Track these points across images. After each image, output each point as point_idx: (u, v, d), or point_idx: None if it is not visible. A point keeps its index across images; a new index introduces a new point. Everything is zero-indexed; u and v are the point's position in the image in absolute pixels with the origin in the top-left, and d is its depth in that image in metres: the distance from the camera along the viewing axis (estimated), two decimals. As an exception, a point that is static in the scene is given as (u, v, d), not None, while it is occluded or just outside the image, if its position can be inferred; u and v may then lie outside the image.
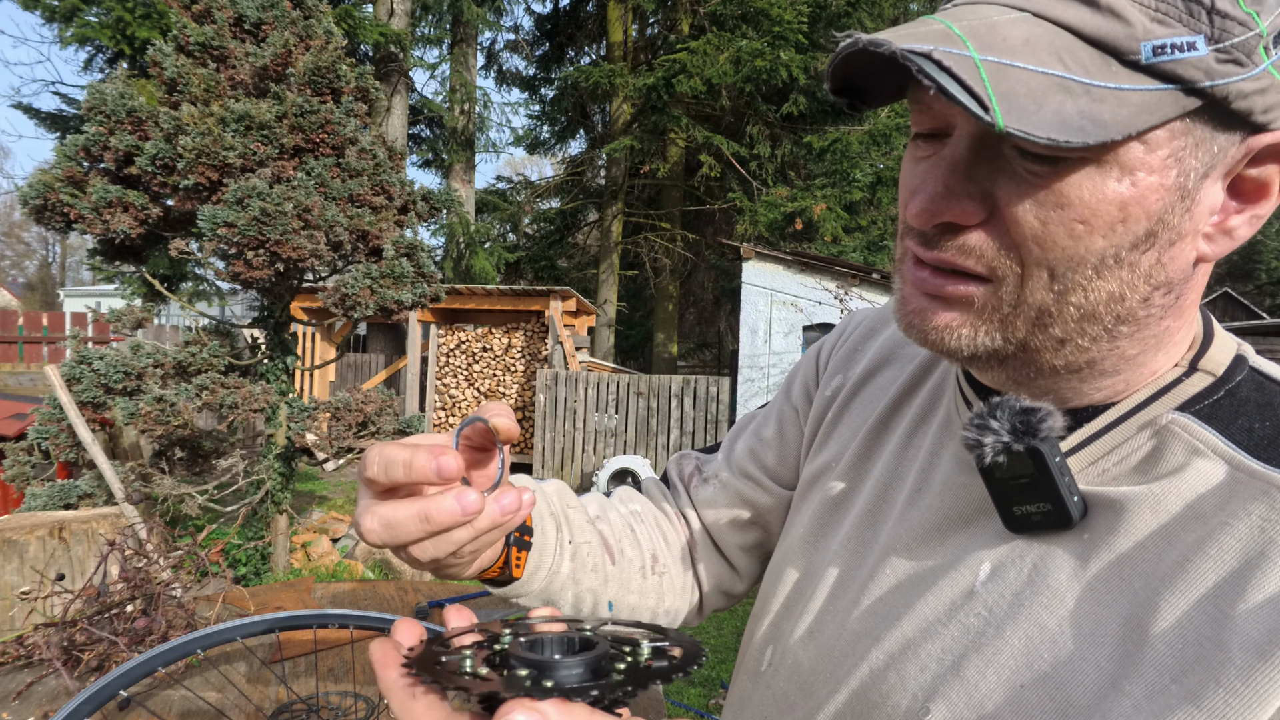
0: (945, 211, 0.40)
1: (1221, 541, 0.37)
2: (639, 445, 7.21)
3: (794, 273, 7.92)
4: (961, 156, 0.40)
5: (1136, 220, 0.38)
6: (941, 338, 0.43)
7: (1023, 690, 0.40)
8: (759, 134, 11.45)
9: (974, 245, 0.40)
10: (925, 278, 0.43)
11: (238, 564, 3.84)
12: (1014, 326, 0.41)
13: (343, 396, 4.04)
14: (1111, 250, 0.38)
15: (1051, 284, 0.39)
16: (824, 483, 0.61)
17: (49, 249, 41.90)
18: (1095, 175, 0.37)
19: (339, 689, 1.30)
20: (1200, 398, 0.43)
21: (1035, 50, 0.35)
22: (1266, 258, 17.90)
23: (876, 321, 0.68)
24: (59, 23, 8.41)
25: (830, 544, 0.56)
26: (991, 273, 0.40)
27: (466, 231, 11.77)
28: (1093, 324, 0.41)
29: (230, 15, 3.57)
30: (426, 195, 4.11)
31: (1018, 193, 0.38)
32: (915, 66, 0.33)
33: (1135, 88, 0.35)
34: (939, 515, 0.49)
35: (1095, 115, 0.34)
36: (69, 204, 3.39)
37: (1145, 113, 0.35)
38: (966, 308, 0.42)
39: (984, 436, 0.43)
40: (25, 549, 2.07)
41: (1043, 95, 0.34)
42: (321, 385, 9.02)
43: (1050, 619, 0.40)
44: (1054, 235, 0.38)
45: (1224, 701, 0.33)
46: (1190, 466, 0.40)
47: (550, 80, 14.88)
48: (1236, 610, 0.35)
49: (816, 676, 0.51)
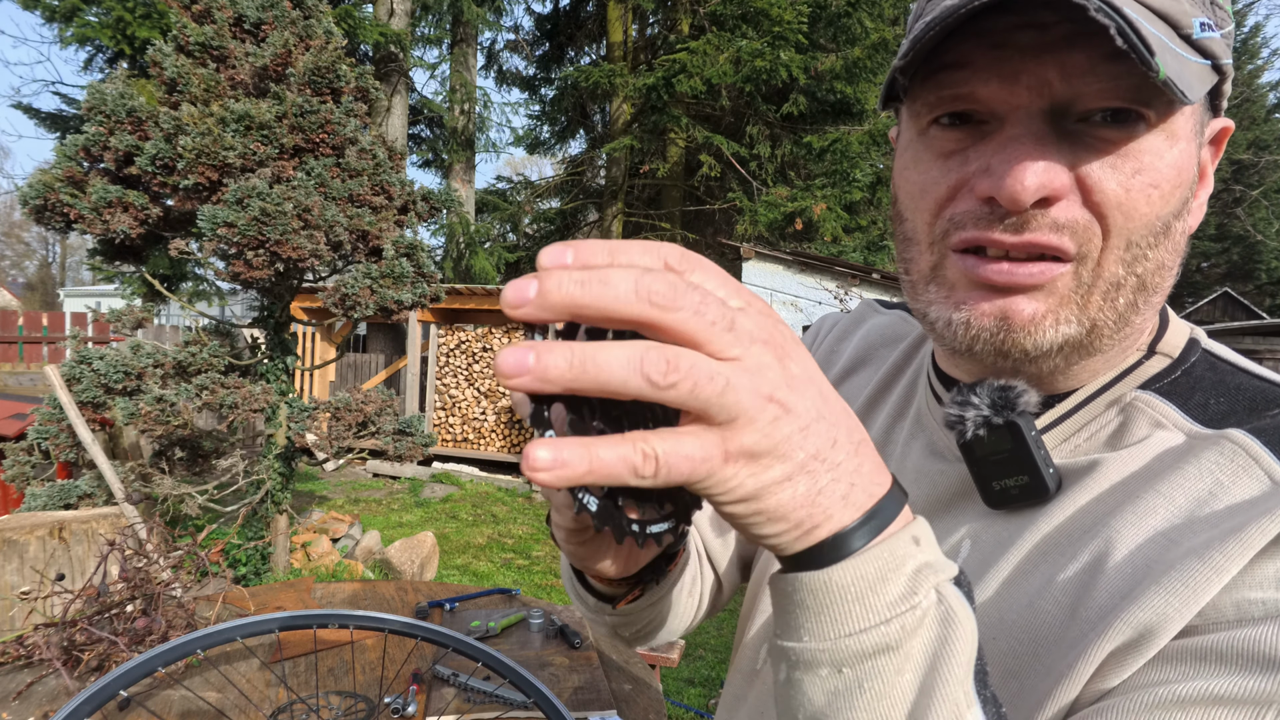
0: (1050, 180, 0.38)
1: (1173, 481, 0.39)
2: (639, 445, 7.21)
3: (794, 273, 7.92)
4: (1043, 130, 0.38)
5: (1183, 186, 0.39)
6: (1029, 333, 0.41)
7: (994, 641, 0.41)
8: (759, 134, 11.45)
9: (1065, 219, 0.39)
10: (1005, 268, 0.40)
11: (238, 564, 3.84)
12: (1089, 306, 0.41)
13: (343, 396, 4.04)
14: (1169, 216, 0.39)
15: (1125, 254, 0.39)
16: None
17: (49, 249, 41.91)
18: (1157, 142, 0.38)
19: (339, 689, 1.30)
20: (1160, 377, 0.45)
21: (1139, 12, 0.36)
22: (1266, 258, 17.88)
23: (850, 325, 0.69)
24: (59, 23, 8.40)
25: None
26: (1080, 248, 0.39)
27: (466, 231, 11.77)
28: (1143, 294, 0.41)
29: (230, 15, 3.56)
30: (426, 195, 4.11)
31: (1099, 162, 0.38)
32: (1095, 3, 0.33)
33: (1193, 58, 0.37)
34: (917, 502, 0.50)
35: (1184, 78, 0.35)
36: (69, 204, 3.39)
37: (1199, 83, 0.36)
38: (1048, 294, 0.40)
39: (965, 412, 0.45)
40: (25, 549, 2.07)
41: (1164, 51, 0.35)
42: (321, 385, 9.02)
43: (1016, 573, 0.42)
44: (1135, 201, 0.38)
45: (1164, 600, 0.35)
46: (1153, 436, 0.42)
47: (550, 80, 14.88)
48: (1182, 536, 0.37)
49: None
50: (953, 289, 0.43)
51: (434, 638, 1.30)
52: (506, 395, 8.35)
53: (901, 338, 0.64)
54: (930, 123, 0.42)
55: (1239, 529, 0.34)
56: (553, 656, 1.52)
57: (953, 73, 0.40)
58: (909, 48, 0.39)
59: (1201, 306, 15.26)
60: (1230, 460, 0.38)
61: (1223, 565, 0.34)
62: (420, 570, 4.63)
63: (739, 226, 11.14)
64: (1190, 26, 0.37)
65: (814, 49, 10.65)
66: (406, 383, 8.51)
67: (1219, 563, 0.34)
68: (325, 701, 1.25)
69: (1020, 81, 0.38)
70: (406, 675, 1.35)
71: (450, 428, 8.53)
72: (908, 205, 0.45)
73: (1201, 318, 14.85)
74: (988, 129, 0.40)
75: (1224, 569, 0.34)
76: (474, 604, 1.77)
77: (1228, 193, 18.10)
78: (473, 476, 7.88)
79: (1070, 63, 0.37)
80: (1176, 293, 6.73)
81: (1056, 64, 0.37)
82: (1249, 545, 0.34)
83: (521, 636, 1.61)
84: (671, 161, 12.52)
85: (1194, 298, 17.97)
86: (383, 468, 7.93)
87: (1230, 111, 17.83)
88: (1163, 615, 0.35)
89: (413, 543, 4.77)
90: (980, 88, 0.39)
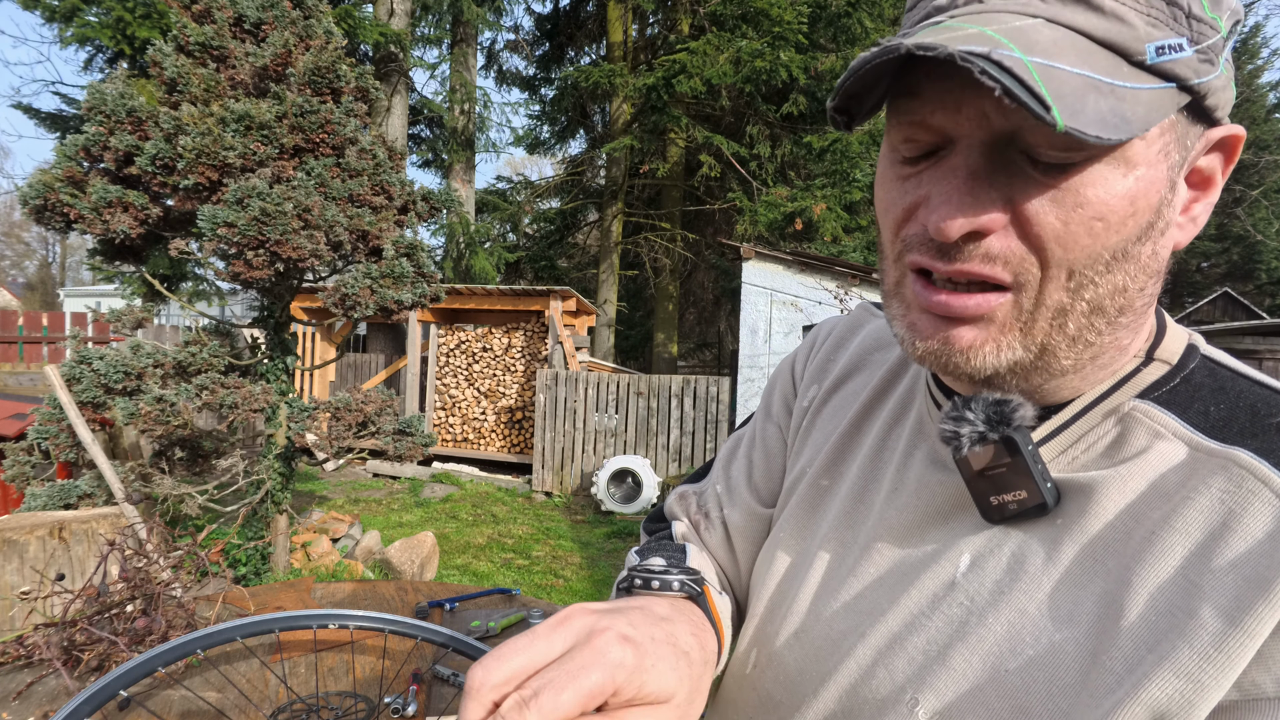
0: (975, 218, 0.39)
1: (1186, 515, 0.38)
2: (639, 445, 7.21)
3: (794, 273, 7.92)
4: (978, 164, 0.39)
5: (1142, 213, 0.39)
6: (968, 359, 0.42)
7: (1008, 674, 0.41)
8: (759, 134, 11.45)
9: (998, 251, 0.40)
10: (943, 300, 0.42)
11: (238, 564, 3.84)
12: (1033, 332, 0.41)
13: (343, 396, 4.04)
14: (1123, 244, 0.39)
15: (1068, 282, 0.40)
16: (799, 489, 0.61)
17: (49, 249, 41.91)
18: (1106, 172, 0.38)
19: (339, 689, 1.30)
20: (1158, 385, 0.45)
21: (1064, 51, 0.36)
22: (1266, 258, 17.88)
23: (847, 330, 0.69)
24: (59, 23, 8.40)
25: (810, 547, 0.57)
26: (1015, 278, 0.40)
27: (466, 231, 11.77)
28: (1100, 317, 0.41)
29: (230, 15, 3.56)
30: (426, 195, 4.11)
31: (1037, 195, 0.38)
32: (977, 68, 0.33)
33: (1144, 86, 0.37)
34: (916, 512, 0.50)
35: (1122, 113, 0.35)
36: (69, 204, 3.39)
37: (1154, 110, 0.36)
38: (988, 323, 0.42)
39: (960, 428, 0.45)
40: (25, 549, 2.07)
41: (1083, 95, 0.35)
42: (321, 385, 9.02)
43: (1030, 604, 0.42)
44: (1075, 234, 0.38)
45: (1199, 666, 0.35)
46: (1153, 449, 0.42)
47: (550, 80, 14.87)
48: (1204, 579, 0.36)
49: (802, 676, 0.52)
50: (909, 308, 0.45)
51: (434, 638, 1.30)
52: (506, 395, 8.36)
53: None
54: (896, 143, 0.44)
55: (1266, 584, 0.34)
56: (553, 656, 1.51)
57: (908, 100, 0.41)
58: (835, 91, 0.40)
59: (1201, 306, 15.26)
60: (1239, 486, 0.38)
61: (1255, 630, 0.34)
62: (420, 570, 4.64)
63: (739, 226, 11.14)
64: (1142, 53, 0.37)
65: (814, 49, 10.64)
66: (406, 383, 8.51)
67: (1250, 627, 0.34)
68: (325, 701, 1.25)
69: (962, 112, 0.39)
70: (406, 675, 1.35)
71: (450, 428, 8.53)
72: (879, 220, 0.47)
73: (1201, 318, 14.85)
74: (942, 154, 0.41)
75: (1256, 633, 0.34)
76: (474, 604, 1.77)
77: (1228, 193, 18.12)
78: (473, 476, 7.88)
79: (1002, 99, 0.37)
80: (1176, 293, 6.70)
81: (992, 98, 0.38)
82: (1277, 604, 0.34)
83: (521, 636, 1.60)
84: (671, 161, 12.52)
85: (1194, 298, 17.98)
86: (383, 468, 7.93)
87: (1230, 111, 17.81)
88: (1198, 683, 0.35)
89: (413, 543, 4.77)
90: (929, 116, 0.40)
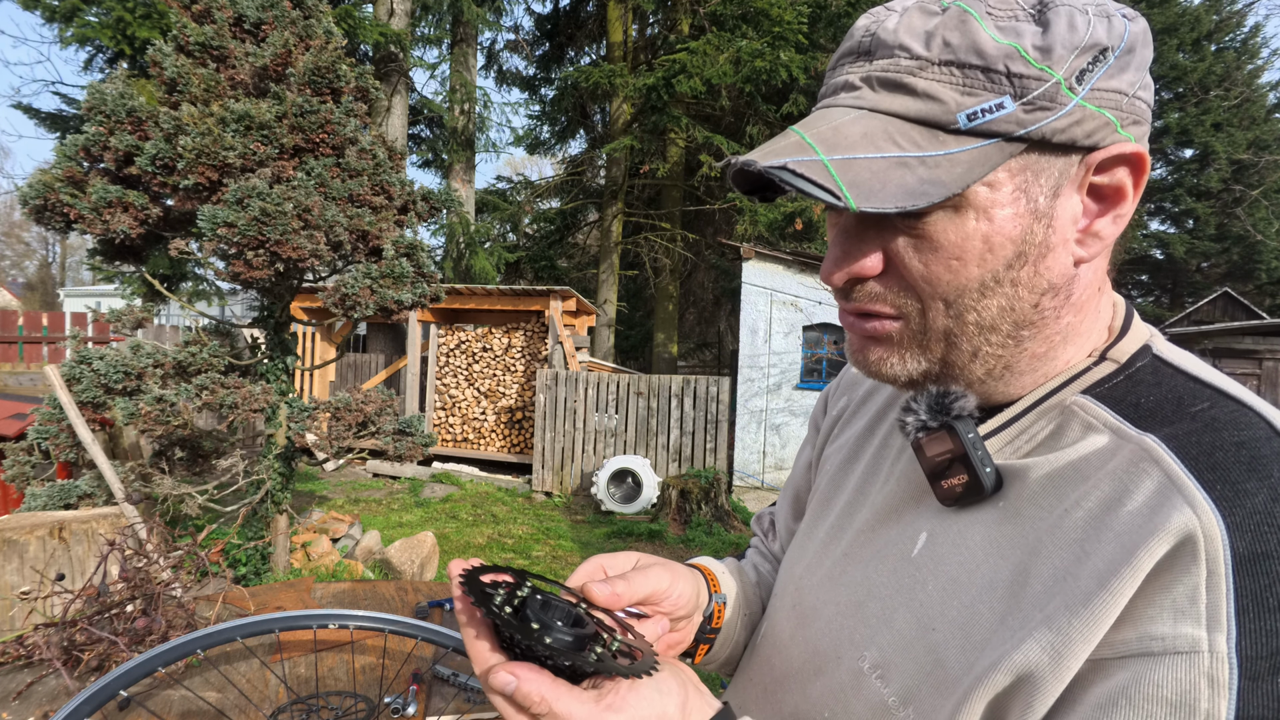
0: (848, 270, 0.48)
1: (1093, 494, 0.43)
2: (639, 445, 7.21)
3: (794, 273, 7.92)
4: (850, 224, 0.48)
5: (1002, 246, 0.45)
6: (880, 369, 0.51)
7: (934, 633, 0.47)
8: (759, 134, 11.44)
9: (878, 292, 0.49)
10: (853, 322, 0.51)
11: (238, 564, 3.84)
12: (931, 349, 0.49)
13: (343, 396, 4.04)
14: (989, 274, 0.46)
15: (947, 310, 0.47)
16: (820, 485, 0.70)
17: (49, 249, 41.90)
18: (956, 220, 0.45)
19: (339, 689, 1.30)
20: (1102, 382, 0.49)
21: (873, 140, 0.43)
22: (1266, 258, 17.85)
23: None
24: (59, 23, 8.40)
25: (819, 534, 0.65)
26: (898, 311, 0.48)
27: (466, 231, 11.77)
28: (993, 334, 0.48)
29: (230, 15, 3.56)
30: (426, 195, 4.10)
31: (901, 245, 0.46)
32: (778, 178, 0.43)
33: (962, 149, 0.43)
34: (896, 498, 0.57)
35: (934, 179, 0.42)
36: (69, 204, 3.38)
37: (977, 166, 0.43)
38: (889, 342, 0.50)
39: (907, 417, 0.52)
40: (25, 549, 2.07)
41: (885, 174, 0.42)
42: (321, 385, 9.02)
43: (961, 573, 0.48)
44: (937, 273, 0.46)
45: (1067, 622, 0.40)
46: (1084, 439, 0.46)
47: (550, 80, 14.87)
48: (1091, 547, 0.41)
49: (793, 642, 0.60)
50: (848, 333, 0.54)
51: (434, 638, 1.30)
52: (506, 395, 8.35)
53: None
54: None
55: (1132, 550, 0.39)
56: (553, 656, 1.51)
57: None
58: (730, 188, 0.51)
59: (1201, 306, 15.24)
60: (1136, 466, 0.42)
61: (1118, 589, 0.39)
62: (420, 570, 4.63)
63: (739, 226, 11.14)
64: (955, 123, 0.43)
65: (814, 49, 10.64)
66: (406, 383, 8.51)
67: (1114, 586, 0.39)
68: (325, 701, 1.25)
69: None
70: (406, 675, 1.35)
71: (450, 428, 8.53)
72: None
73: (1201, 318, 14.83)
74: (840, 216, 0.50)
75: (1120, 592, 0.39)
76: (474, 604, 1.77)
77: (1228, 193, 18.08)
78: (473, 476, 7.88)
79: None
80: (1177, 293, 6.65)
81: None
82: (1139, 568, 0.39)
83: (521, 636, 1.60)
84: (671, 161, 12.52)
85: (1194, 298, 17.95)
86: (383, 468, 7.93)
87: (1230, 111, 17.82)
88: (1065, 636, 0.40)
89: (413, 543, 4.77)
90: None
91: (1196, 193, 18.53)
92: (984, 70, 0.43)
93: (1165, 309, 19.04)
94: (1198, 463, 0.41)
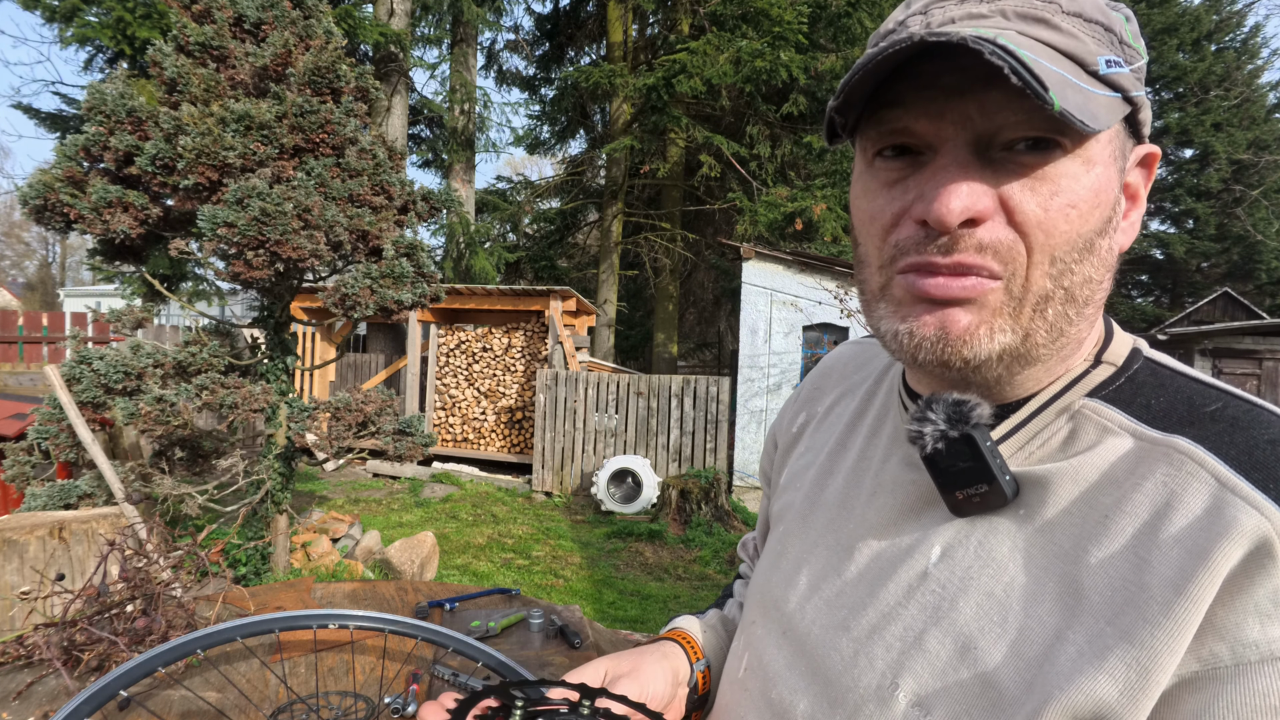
0: (971, 203, 0.42)
1: (1134, 499, 0.42)
2: (639, 445, 7.21)
3: (794, 273, 7.92)
4: (967, 159, 0.43)
5: (1103, 206, 0.44)
6: (965, 343, 0.44)
7: (978, 652, 0.44)
8: (759, 134, 11.44)
9: (989, 241, 0.43)
10: (941, 281, 0.44)
11: (238, 564, 3.84)
12: (1020, 317, 0.45)
13: (343, 396, 4.04)
14: (1092, 233, 0.44)
15: (1050, 269, 0.43)
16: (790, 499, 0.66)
17: (49, 249, 41.90)
18: (1074, 166, 0.43)
19: (339, 689, 1.30)
20: (1105, 384, 0.48)
21: (1040, 54, 0.40)
22: (1266, 258, 17.84)
23: (833, 362, 0.76)
24: (59, 23, 8.40)
25: (799, 554, 0.60)
26: (1004, 265, 0.43)
27: (466, 231, 11.77)
28: (1072, 305, 0.45)
29: (230, 15, 3.56)
30: (426, 195, 4.10)
31: (1019, 186, 0.42)
32: (988, 49, 0.37)
33: (1100, 91, 0.42)
34: (892, 511, 0.54)
35: (1091, 109, 0.40)
36: (69, 204, 3.38)
37: (1109, 112, 0.41)
38: (981, 307, 0.44)
39: (924, 427, 0.48)
40: (25, 549, 2.07)
41: (1063, 86, 0.39)
42: (321, 385, 9.02)
43: (996, 586, 0.45)
44: (1054, 220, 0.42)
45: (1151, 635, 0.38)
46: (1103, 442, 0.45)
47: (550, 80, 14.87)
48: (1152, 555, 0.39)
49: (792, 673, 0.54)
50: (899, 304, 0.47)
51: (434, 638, 1.30)
52: (506, 395, 8.35)
53: (875, 359, 0.71)
54: (875, 155, 0.47)
55: (1205, 554, 0.38)
56: (553, 656, 1.51)
57: (890, 110, 0.45)
58: (840, 89, 0.44)
59: (1201, 306, 15.23)
60: (1179, 469, 0.41)
61: (1199, 596, 0.37)
62: (420, 570, 4.64)
63: (739, 226, 11.13)
64: (1096, 64, 0.42)
65: (814, 49, 10.64)
66: (406, 383, 8.51)
67: (1194, 593, 0.37)
68: (325, 701, 1.25)
69: (945, 118, 0.43)
70: (406, 675, 1.35)
71: (450, 428, 8.53)
72: (861, 231, 0.50)
73: (1201, 318, 14.82)
74: (924, 160, 0.45)
75: (1200, 599, 0.37)
76: (474, 604, 1.77)
77: (1228, 193, 18.07)
78: (473, 476, 7.88)
79: (987, 100, 0.42)
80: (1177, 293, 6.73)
81: (975, 101, 0.42)
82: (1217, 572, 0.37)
83: (521, 636, 1.60)
84: (671, 161, 12.51)
85: (1194, 298, 17.95)
86: (383, 468, 7.93)
87: (1230, 111, 17.81)
88: (1151, 650, 0.38)
89: (413, 543, 4.77)
90: (913, 123, 0.44)
91: (1196, 193, 18.52)
92: (1105, 28, 0.43)
93: (1165, 309, 19.03)
94: (1240, 463, 0.40)
